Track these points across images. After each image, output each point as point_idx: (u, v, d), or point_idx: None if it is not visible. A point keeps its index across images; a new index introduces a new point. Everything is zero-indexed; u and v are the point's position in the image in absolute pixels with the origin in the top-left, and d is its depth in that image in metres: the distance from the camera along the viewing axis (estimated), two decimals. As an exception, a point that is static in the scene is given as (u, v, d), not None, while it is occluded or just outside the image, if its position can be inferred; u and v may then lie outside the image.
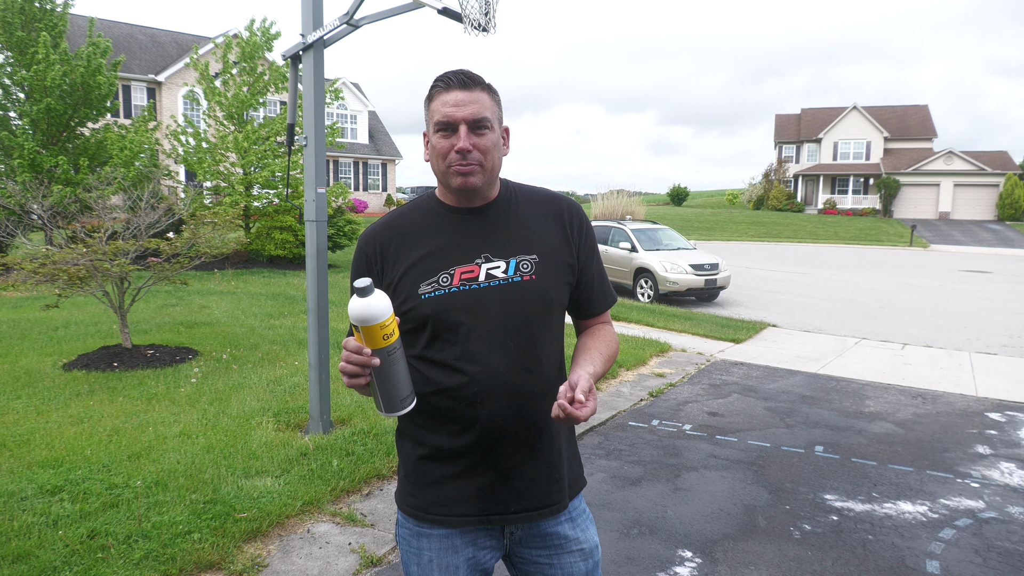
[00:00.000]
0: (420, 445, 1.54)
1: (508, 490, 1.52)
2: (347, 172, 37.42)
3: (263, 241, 15.76)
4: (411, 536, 1.58)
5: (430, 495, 1.53)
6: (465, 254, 1.48)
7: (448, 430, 1.49)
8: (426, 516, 1.54)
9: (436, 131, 1.44)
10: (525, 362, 1.48)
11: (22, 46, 13.66)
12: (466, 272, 1.47)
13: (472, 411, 1.46)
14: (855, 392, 6.40)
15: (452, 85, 1.43)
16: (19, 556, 2.91)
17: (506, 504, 1.52)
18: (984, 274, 19.85)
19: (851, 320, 11.07)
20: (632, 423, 5.31)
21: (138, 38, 32.08)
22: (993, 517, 3.80)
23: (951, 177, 42.38)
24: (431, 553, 1.55)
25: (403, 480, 1.61)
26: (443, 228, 1.51)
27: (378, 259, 1.52)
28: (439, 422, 1.50)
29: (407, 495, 1.58)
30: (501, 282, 1.47)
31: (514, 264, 1.49)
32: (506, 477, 1.51)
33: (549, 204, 1.58)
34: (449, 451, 1.50)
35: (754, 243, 30.66)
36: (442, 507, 1.53)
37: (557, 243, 1.54)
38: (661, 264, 12.42)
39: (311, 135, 4.46)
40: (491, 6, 4.00)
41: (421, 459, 1.54)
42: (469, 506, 1.52)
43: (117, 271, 6.21)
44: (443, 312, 1.45)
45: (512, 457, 1.50)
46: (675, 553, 3.32)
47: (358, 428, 4.61)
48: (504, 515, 1.53)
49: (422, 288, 1.46)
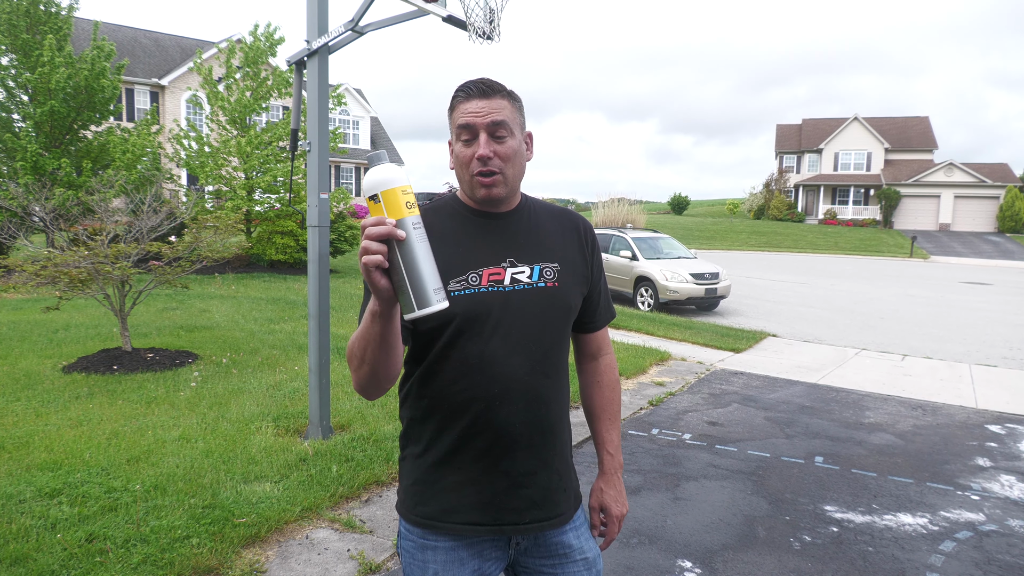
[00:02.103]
0: (432, 449, 1.51)
1: (521, 498, 1.50)
2: (349, 177, 37.49)
3: (264, 246, 15.77)
4: (416, 549, 1.54)
5: (441, 502, 1.50)
6: (492, 256, 1.49)
7: (464, 432, 1.47)
8: (435, 525, 1.50)
9: (458, 139, 1.47)
10: (544, 367, 1.50)
11: (27, 49, 13.72)
12: (493, 274, 1.48)
13: (489, 413, 1.45)
14: (855, 403, 6.40)
15: (472, 94, 1.46)
16: (17, 559, 2.90)
17: (520, 513, 1.51)
18: (984, 286, 19.86)
19: (851, 330, 11.07)
20: (632, 432, 5.31)
21: (142, 42, 32.21)
22: (994, 530, 3.79)
23: (952, 189, 42.45)
24: (436, 566, 1.51)
25: (409, 489, 1.56)
26: (469, 229, 1.52)
27: None
28: (456, 423, 1.47)
29: (414, 504, 1.53)
30: (526, 287, 1.49)
31: (538, 270, 1.51)
32: (520, 485, 1.50)
33: (566, 218, 1.62)
34: (464, 455, 1.48)
35: (754, 253, 30.69)
36: (453, 515, 1.49)
37: (575, 255, 1.58)
38: (661, 273, 12.43)
39: (314, 141, 4.47)
40: (495, 14, 4.02)
41: (433, 465, 1.51)
42: (481, 514, 1.49)
43: (118, 274, 6.22)
44: (471, 311, 1.44)
45: (526, 463, 1.50)
46: (675, 563, 3.31)
47: (358, 434, 4.60)
48: (517, 525, 1.51)
49: (452, 286, 1.45)
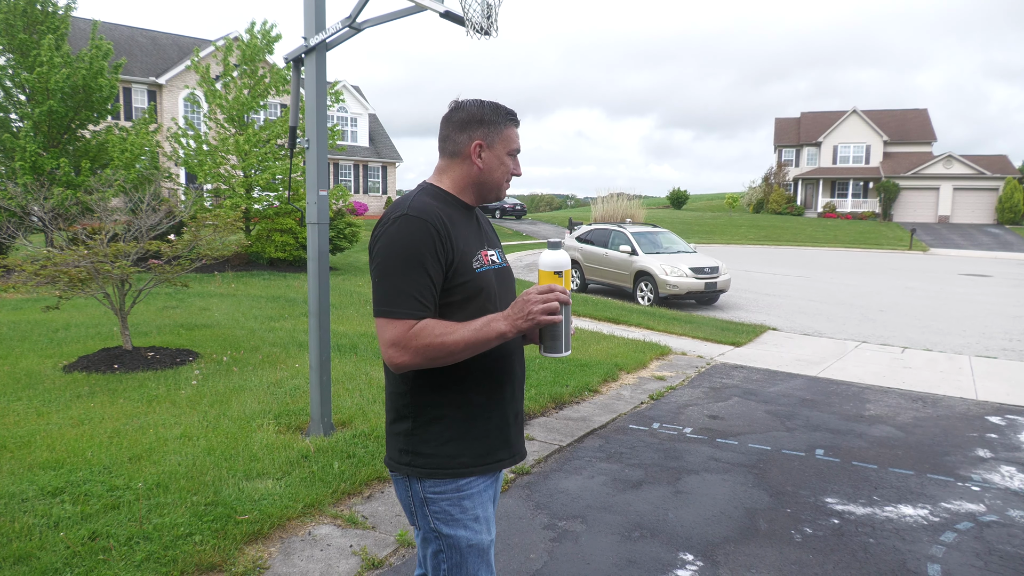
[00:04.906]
0: (469, 404, 1.76)
1: (518, 431, 1.89)
2: (347, 175, 37.44)
3: (263, 244, 15.76)
4: (453, 503, 1.75)
5: (476, 448, 1.77)
6: (479, 241, 1.83)
7: (496, 384, 1.79)
8: (474, 470, 1.76)
9: (509, 154, 1.84)
10: None
11: (24, 48, 13.68)
12: (485, 254, 1.82)
13: (510, 365, 1.82)
14: (855, 395, 6.41)
15: (518, 123, 1.86)
16: (20, 557, 2.91)
17: (519, 445, 1.90)
18: (983, 278, 19.87)
19: (851, 323, 11.08)
20: (633, 426, 5.31)
21: (139, 40, 32.11)
22: (994, 520, 3.80)
23: (951, 181, 42.43)
24: (476, 509, 1.79)
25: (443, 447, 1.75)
26: (463, 217, 1.81)
27: (446, 232, 1.69)
28: (489, 379, 1.78)
29: (450, 459, 1.74)
30: (498, 266, 1.86)
31: (499, 253, 1.90)
32: (517, 420, 1.89)
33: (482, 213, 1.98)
34: (496, 403, 1.79)
35: (754, 246, 30.68)
36: (487, 456, 1.79)
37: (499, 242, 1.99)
38: (661, 267, 12.42)
39: (313, 138, 4.46)
40: (493, 9, 4.01)
41: (469, 418, 1.76)
42: (507, 450, 1.84)
43: (118, 273, 6.22)
44: (488, 285, 1.78)
45: (520, 403, 1.91)
46: (676, 556, 3.32)
47: (359, 430, 4.61)
48: (517, 456, 1.89)
49: (474, 263, 1.75)
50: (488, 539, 1.81)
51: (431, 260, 1.64)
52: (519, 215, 40.50)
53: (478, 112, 1.79)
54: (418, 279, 1.62)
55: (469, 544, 1.76)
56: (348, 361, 6.70)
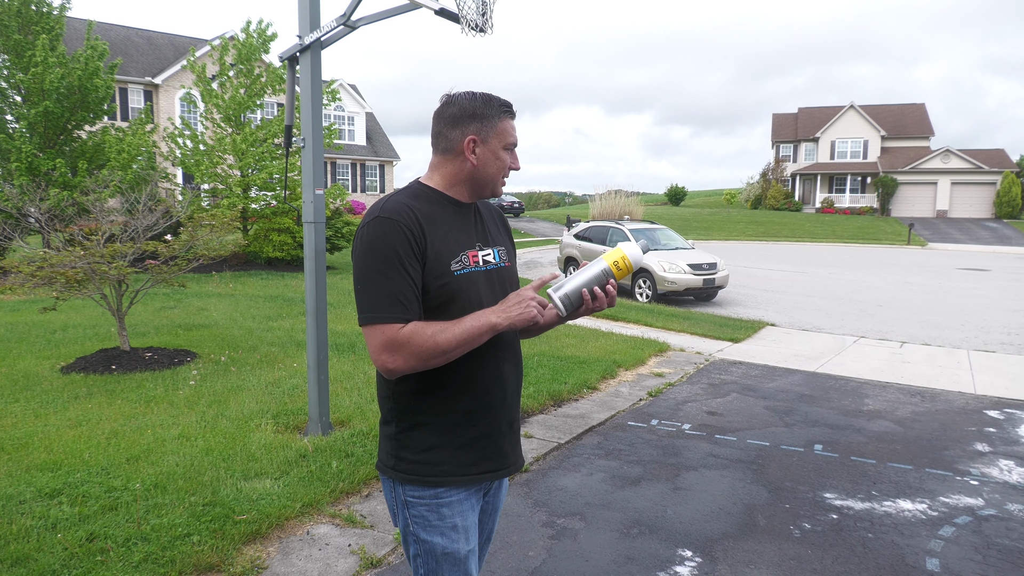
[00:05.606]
0: (451, 411, 1.69)
1: (512, 440, 1.80)
2: (345, 173, 37.40)
3: (261, 243, 15.74)
4: (431, 509, 1.71)
5: (461, 457, 1.71)
6: (469, 240, 1.74)
7: (482, 391, 1.71)
8: (454, 480, 1.70)
9: (505, 148, 1.75)
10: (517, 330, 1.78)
11: (19, 49, 13.64)
12: (474, 255, 1.73)
13: (498, 369, 1.73)
14: (854, 391, 6.41)
15: (513, 114, 1.76)
16: (18, 559, 2.90)
17: (511, 456, 1.81)
18: (982, 272, 19.89)
19: (849, 319, 11.08)
20: (631, 423, 5.31)
21: (135, 41, 32.05)
22: (992, 514, 3.80)
23: (948, 175, 42.44)
24: (454, 517, 1.72)
25: (424, 454, 1.70)
26: (449, 215, 1.73)
27: (420, 232, 1.63)
28: (474, 384, 1.70)
29: (431, 466, 1.70)
30: (493, 266, 1.77)
31: (497, 252, 1.81)
32: (512, 429, 1.80)
33: (490, 209, 1.92)
34: (483, 410, 1.71)
35: (752, 242, 30.69)
36: (472, 466, 1.72)
37: (506, 239, 1.90)
38: (659, 264, 12.42)
39: (309, 137, 4.45)
40: (488, 6, 4.00)
41: (452, 426, 1.70)
42: (495, 461, 1.76)
43: (115, 274, 6.20)
44: (470, 287, 1.68)
45: (515, 410, 1.81)
46: (675, 552, 3.32)
47: (357, 430, 4.60)
48: (510, 467, 1.81)
49: (453, 265, 1.66)
50: (465, 549, 1.75)
51: (408, 259, 1.59)
52: (517, 213, 40.52)
53: (470, 106, 1.70)
54: (398, 280, 1.57)
55: (444, 552, 1.72)
56: (346, 360, 6.69)
